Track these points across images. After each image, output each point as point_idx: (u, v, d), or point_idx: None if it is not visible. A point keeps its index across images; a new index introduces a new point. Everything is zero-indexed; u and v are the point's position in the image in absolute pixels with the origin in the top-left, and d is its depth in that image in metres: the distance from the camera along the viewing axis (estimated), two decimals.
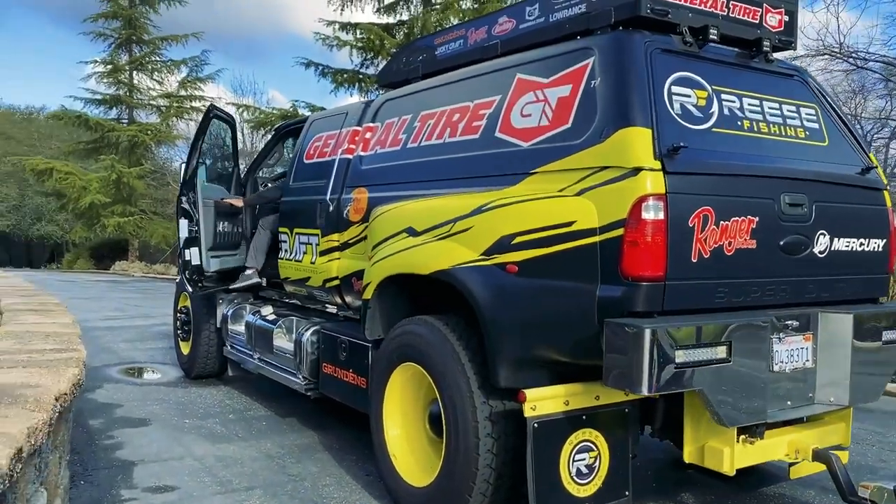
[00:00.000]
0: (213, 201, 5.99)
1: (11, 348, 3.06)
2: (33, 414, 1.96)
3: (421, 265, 3.64)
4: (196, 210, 5.90)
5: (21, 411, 1.97)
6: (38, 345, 3.21)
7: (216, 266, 5.94)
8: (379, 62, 16.85)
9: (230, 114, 6.91)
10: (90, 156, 27.04)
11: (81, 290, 16.01)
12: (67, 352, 3.07)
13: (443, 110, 4.08)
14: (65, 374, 2.56)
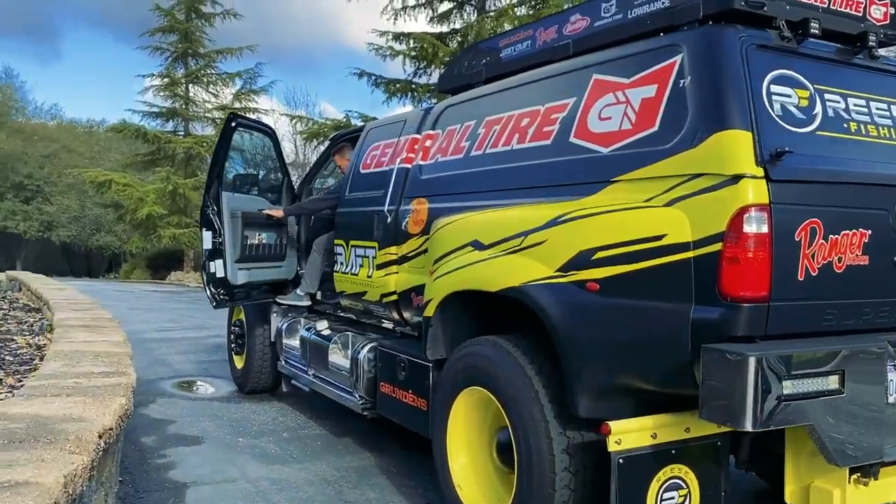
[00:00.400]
0: (240, 212, 5.87)
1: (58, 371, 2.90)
2: (73, 457, 1.77)
3: (488, 281, 3.38)
4: (220, 221, 5.78)
5: (60, 454, 1.77)
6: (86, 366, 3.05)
7: (244, 279, 5.79)
8: (432, 71, 16.71)
9: (266, 124, 6.81)
10: (147, 168, 27.56)
11: (136, 301, 16.18)
12: (116, 375, 2.90)
13: (510, 115, 3.83)
14: (111, 404, 2.38)
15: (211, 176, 5.90)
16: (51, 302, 6.28)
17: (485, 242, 3.47)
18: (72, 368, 3.00)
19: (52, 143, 39.64)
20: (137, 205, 25.25)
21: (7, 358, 4.06)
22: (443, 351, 3.88)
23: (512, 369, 3.20)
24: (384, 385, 4.54)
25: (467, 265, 3.53)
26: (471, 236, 3.58)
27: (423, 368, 4.07)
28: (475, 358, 3.45)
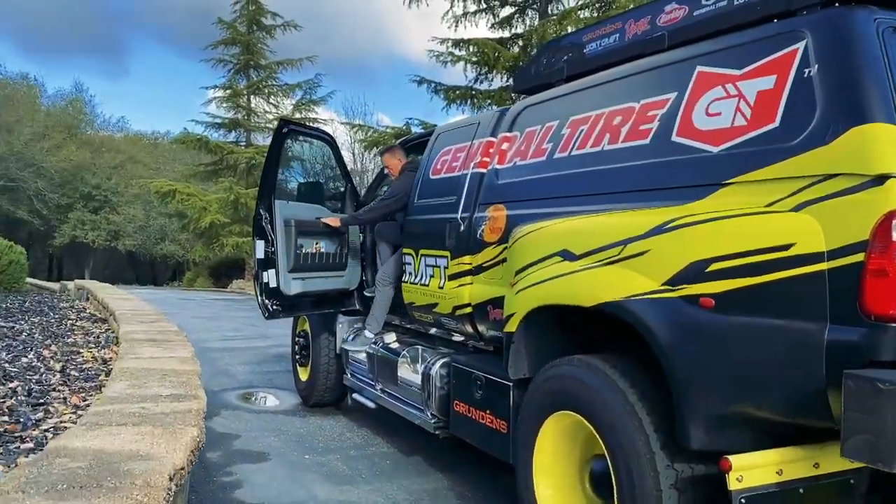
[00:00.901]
0: (293, 220, 5.68)
1: (124, 393, 2.72)
2: None
3: (582, 295, 3.07)
4: (273, 230, 5.60)
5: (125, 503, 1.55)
6: (153, 387, 2.87)
7: (297, 289, 5.59)
8: (493, 77, 16.47)
9: (322, 130, 6.63)
10: (210, 178, 27.99)
11: (200, 309, 16.32)
12: (185, 399, 2.70)
13: (599, 114, 3.52)
14: (182, 437, 2.17)
15: (262, 184, 5.73)
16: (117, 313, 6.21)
17: (576, 252, 3.17)
18: (138, 390, 2.82)
19: (119, 155, 40.83)
20: (200, 214, 25.64)
21: (73, 373, 3.96)
22: (526, 370, 3.59)
23: (610, 393, 2.88)
24: (458, 404, 4.27)
25: (556, 277, 3.23)
26: (559, 245, 3.29)
27: (502, 388, 3.78)
28: (566, 380, 3.14)
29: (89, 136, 42.62)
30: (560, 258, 3.26)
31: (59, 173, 37.56)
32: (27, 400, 3.85)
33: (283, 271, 5.54)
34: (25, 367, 4.90)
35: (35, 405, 3.70)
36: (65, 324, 7.33)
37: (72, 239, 37.49)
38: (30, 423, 3.24)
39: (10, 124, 35.86)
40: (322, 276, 5.87)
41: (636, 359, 2.98)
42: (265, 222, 5.61)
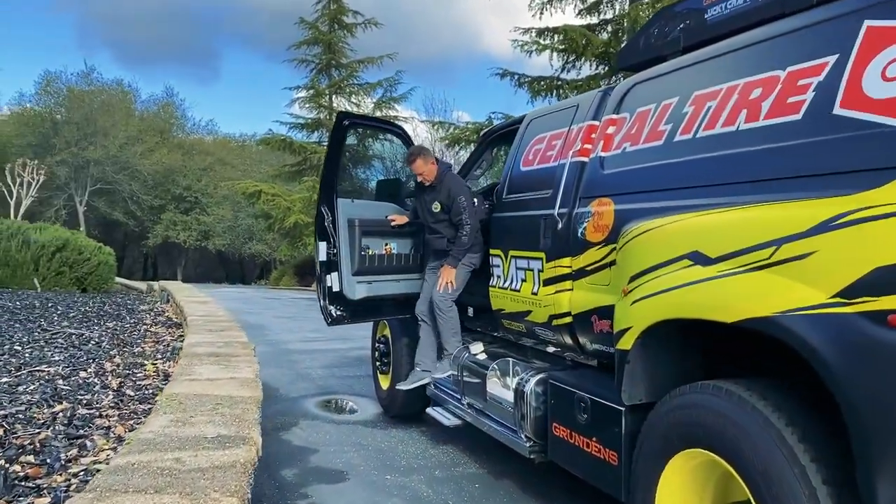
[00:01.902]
0: (357, 220, 5.27)
1: (162, 434, 2.32)
2: None
3: (720, 308, 2.49)
4: (335, 231, 5.18)
5: None
6: (199, 424, 2.46)
7: (363, 293, 5.14)
8: (581, 65, 15.73)
9: (391, 121, 6.16)
10: (294, 178, 28.24)
11: (283, 309, 16.30)
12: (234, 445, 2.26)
13: (731, 86, 2.92)
14: None
15: (323, 182, 5.32)
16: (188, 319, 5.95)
17: (711, 255, 2.59)
18: (180, 428, 2.42)
19: (208, 157, 41.93)
20: (285, 214, 25.86)
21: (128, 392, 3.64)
22: (643, 394, 3.03)
23: (761, 432, 2.30)
24: (558, 427, 3.74)
25: (685, 285, 2.66)
26: (688, 246, 2.71)
27: (612, 413, 3.23)
28: (700, 411, 2.57)
29: (180, 140, 43.96)
30: (689, 262, 2.68)
31: (152, 175, 38.86)
32: (66, 431, 3.52)
33: (347, 274, 5.15)
34: (80, 384, 4.66)
35: (73, 438, 3.35)
36: (138, 329, 7.18)
37: (164, 239, 38.74)
38: (58, 465, 2.90)
39: (107, 129, 37.31)
40: (394, 280, 5.46)
41: (789, 386, 2.39)
42: (327, 222, 5.23)
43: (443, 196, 5.00)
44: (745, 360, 2.95)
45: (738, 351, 2.93)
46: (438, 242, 5.13)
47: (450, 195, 4.94)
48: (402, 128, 5.92)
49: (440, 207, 5.01)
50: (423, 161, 4.98)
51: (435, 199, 5.04)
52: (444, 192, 4.98)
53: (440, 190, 5.01)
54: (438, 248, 5.16)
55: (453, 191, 4.94)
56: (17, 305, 9.30)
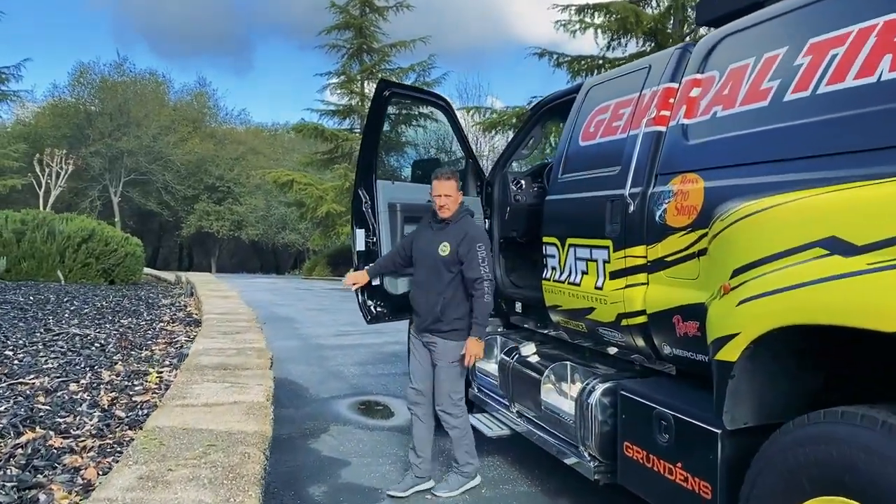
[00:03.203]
0: (399, 204, 4.67)
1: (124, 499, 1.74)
2: None
3: (877, 312, 1.87)
4: (374, 217, 4.60)
5: None
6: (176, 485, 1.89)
7: (406, 287, 4.53)
8: (626, 42, 14.91)
9: (435, 93, 5.48)
10: (326, 166, 27.80)
11: (315, 300, 15.87)
12: None
13: (867, 27, 2.28)
14: None
15: (361, 161, 4.72)
16: (205, 317, 5.44)
17: (856, 241, 1.97)
18: (149, 493, 1.83)
19: (241, 146, 41.77)
20: (317, 203, 25.46)
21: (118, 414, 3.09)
22: (749, 416, 2.43)
23: None
24: (630, 447, 3.14)
25: (818, 281, 2.04)
26: (821, 231, 2.09)
27: (704, 435, 2.63)
28: (843, 448, 1.96)
29: (213, 129, 43.89)
30: (824, 251, 2.06)
31: (185, 165, 38.82)
32: (19, 476, 2.73)
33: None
34: (65, 401, 4.00)
35: (24, 489, 2.61)
36: (154, 328, 6.67)
37: (198, 229, 38.71)
38: None
39: (140, 119, 37.32)
40: None
41: None
42: (365, 207, 4.65)
43: (455, 238, 3.93)
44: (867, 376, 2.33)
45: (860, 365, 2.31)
46: (430, 300, 4.00)
47: (466, 239, 3.91)
48: (446, 100, 5.29)
49: (447, 251, 3.93)
50: (456, 186, 4.02)
51: (444, 239, 3.97)
52: (459, 234, 3.94)
53: (453, 231, 3.97)
54: (428, 309, 4.01)
55: (472, 234, 3.94)
56: (31, 300, 8.90)
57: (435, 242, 3.99)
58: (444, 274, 3.96)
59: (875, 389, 2.31)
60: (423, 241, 4.07)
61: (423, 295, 4.05)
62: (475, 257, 3.89)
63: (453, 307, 3.98)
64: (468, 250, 3.90)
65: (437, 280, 3.97)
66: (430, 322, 4.01)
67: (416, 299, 4.13)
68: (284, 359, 8.07)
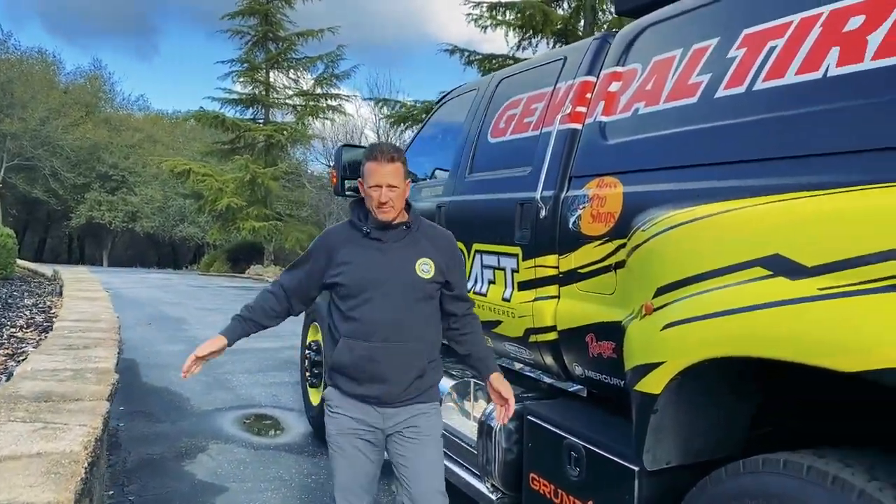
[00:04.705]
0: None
1: None
2: None
3: (832, 347, 1.58)
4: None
5: None
6: None
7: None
8: (538, 42, 14.77)
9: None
10: (227, 157, 26.66)
11: (209, 298, 15.00)
12: None
13: (808, 17, 2.02)
14: None
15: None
16: (55, 325, 4.77)
17: (805, 262, 1.68)
18: None
19: (137, 134, 39.67)
20: (217, 195, 24.35)
21: None
22: (673, 455, 2.13)
23: None
24: (537, 479, 2.82)
25: (760, 307, 1.74)
26: (761, 247, 1.80)
27: (620, 472, 2.32)
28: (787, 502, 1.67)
29: (108, 115, 41.51)
30: (766, 271, 1.77)
31: (76, 152, 36.49)
32: None
33: None
34: None
35: None
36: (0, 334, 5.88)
37: (88, 220, 36.45)
38: None
39: (25, 101, 34.76)
40: None
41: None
42: None
43: (440, 250, 2.63)
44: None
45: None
46: (405, 351, 2.56)
47: (451, 247, 2.69)
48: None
49: (432, 272, 2.58)
50: (404, 171, 2.55)
51: (423, 255, 2.59)
52: (441, 243, 2.66)
53: (421, 240, 2.62)
54: (402, 368, 2.56)
55: (453, 240, 2.72)
56: None
57: (404, 261, 2.57)
58: (422, 308, 2.59)
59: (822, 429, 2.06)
60: (371, 263, 2.56)
61: (387, 349, 2.53)
62: (463, 273, 2.76)
63: (435, 355, 2.69)
64: (459, 265, 2.71)
65: (412, 318, 2.57)
66: (406, 387, 2.57)
67: (370, 358, 2.54)
68: (166, 365, 7.41)
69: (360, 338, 2.55)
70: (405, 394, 2.60)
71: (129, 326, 8.32)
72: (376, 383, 2.57)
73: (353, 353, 2.56)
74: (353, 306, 2.57)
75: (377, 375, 2.56)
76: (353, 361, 2.56)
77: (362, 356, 2.55)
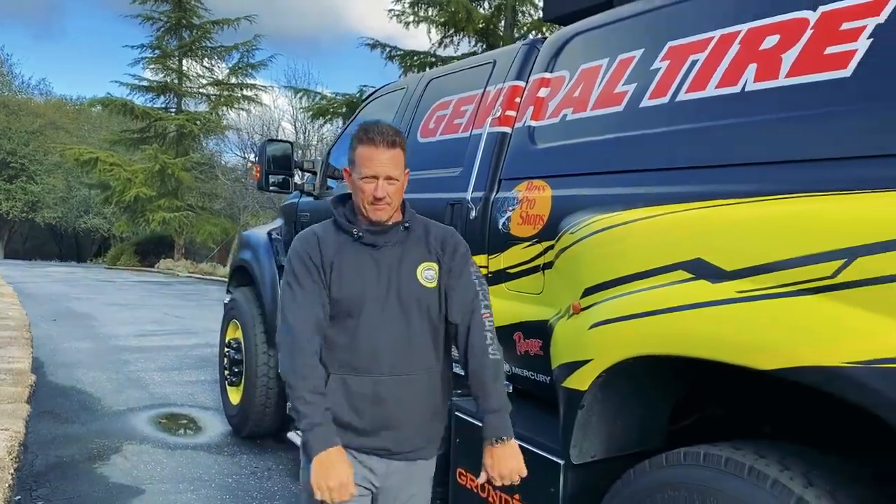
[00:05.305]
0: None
1: None
2: None
3: (749, 347, 1.69)
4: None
5: None
6: None
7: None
8: (459, 40, 14.89)
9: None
10: (137, 146, 25.69)
11: (117, 293, 14.44)
12: None
13: (729, 33, 2.14)
14: None
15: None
16: None
17: (725, 266, 1.79)
18: None
19: (38, 120, 37.62)
20: (125, 186, 23.47)
21: None
22: (598, 449, 2.22)
23: None
24: (464, 474, 2.88)
25: (683, 308, 1.85)
26: (684, 252, 1.90)
27: (545, 466, 2.40)
28: (704, 497, 1.77)
29: (5, 98, 39.18)
30: (688, 274, 1.88)
31: None
32: None
33: None
34: None
35: None
36: None
37: None
38: None
39: None
40: None
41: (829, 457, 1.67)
42: None
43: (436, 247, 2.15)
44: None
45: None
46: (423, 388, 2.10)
47: (450, 242, 2.17)
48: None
49: (435, 277, 2.11)
50: (404, 158, 2.10)
51: (422, 257, 2.12)
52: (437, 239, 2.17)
53: (422, 241, 2.15)
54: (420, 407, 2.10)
55: (454, 233, 2.23)
56: None
57: (405, 268, 2.08)
58: (431, 327, 2.11)
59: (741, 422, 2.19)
60: (366, 274, 2.05)
61: (396, 382, 2.04)
62: (474, 281, 2.17)
63: (449, 390, 2.25)
64: (464, 263, 2.16)
65: (422, 340, 2.09)
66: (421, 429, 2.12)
67: (375, 397, 2.02)
68: (74, 363, 7.13)
69: (359, 371, 2.01)
70: (419, 439, 2.10)
71: (33, 323, 7.93)
72: (385, 430, 2.04)
73: (350, 392, 2.01)
74: (344, 329, 2.03)
75: (386, 419, 2.03)
76: (353, 403, 2.01)
77: (363, 395, 2.01)
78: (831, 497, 1.62)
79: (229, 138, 27.72)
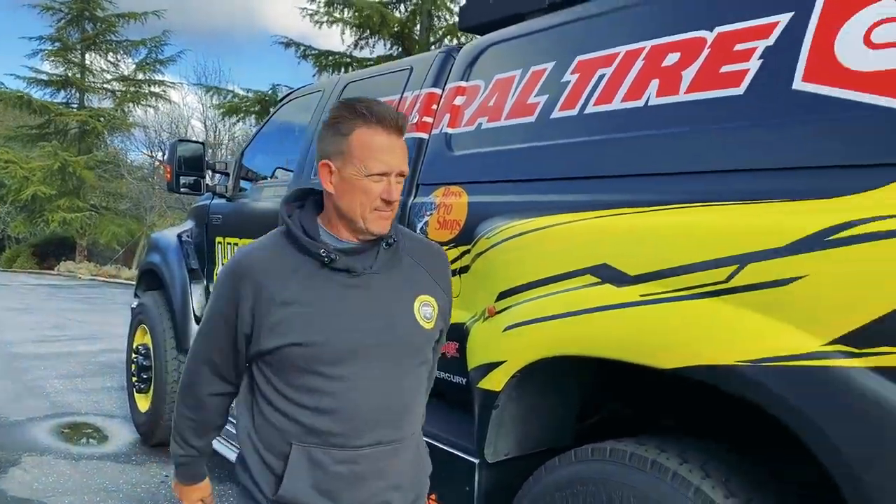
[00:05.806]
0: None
1: None
2: None
3: (651, 348, 1.80)
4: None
5: None
6: None
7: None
8: (375, 43, 14.86)
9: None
10: (35, 143, 24.37)
11: (16, 298, 13.70)
12: None
13: (634, 49, 2.26)
14: None
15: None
16: None
17: (628, 271, 1.89)
18: None
19: None
20: (21, 184, 22.26)
21: None
22: (511, 447, 2.30)
23: None
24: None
25: (590, 311, 1.94)
26: (593, 257, 2.00)
27: (460, 465, 2.46)
28: (609, 490, 1.87)
29: None
30: (595, 278, 1.97)
31: None
32: None
33: None
34: None
35: None
36: None
37: None
38: None
39: None
40: None
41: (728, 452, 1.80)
42: None
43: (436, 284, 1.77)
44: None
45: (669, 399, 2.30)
46: (406, 445, 1.66)
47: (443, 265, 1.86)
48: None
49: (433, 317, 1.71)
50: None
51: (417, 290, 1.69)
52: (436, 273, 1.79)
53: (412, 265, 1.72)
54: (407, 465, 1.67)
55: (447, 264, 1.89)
56: None
57: (397, 303, 1.65)
58: (420, 373, 1.72)
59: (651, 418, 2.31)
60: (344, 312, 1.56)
61: (381, 455, 1.59)
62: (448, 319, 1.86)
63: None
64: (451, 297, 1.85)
65: (414, 397, 1.70)
66: (412, 500, 1.71)
67: (354, 476, 1.56)
68: None
69: (333, 443, 1.53)
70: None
71: None
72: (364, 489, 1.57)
73: (321, 471, 1.52)
74: (309, 391, 1.52)
75: (365, 502, 1.57)
76: (324, 487, 1.53)
77: (338, 475, 1.53)
78: (725, 486, 1.73)
79: (136, 136, 26.73)
